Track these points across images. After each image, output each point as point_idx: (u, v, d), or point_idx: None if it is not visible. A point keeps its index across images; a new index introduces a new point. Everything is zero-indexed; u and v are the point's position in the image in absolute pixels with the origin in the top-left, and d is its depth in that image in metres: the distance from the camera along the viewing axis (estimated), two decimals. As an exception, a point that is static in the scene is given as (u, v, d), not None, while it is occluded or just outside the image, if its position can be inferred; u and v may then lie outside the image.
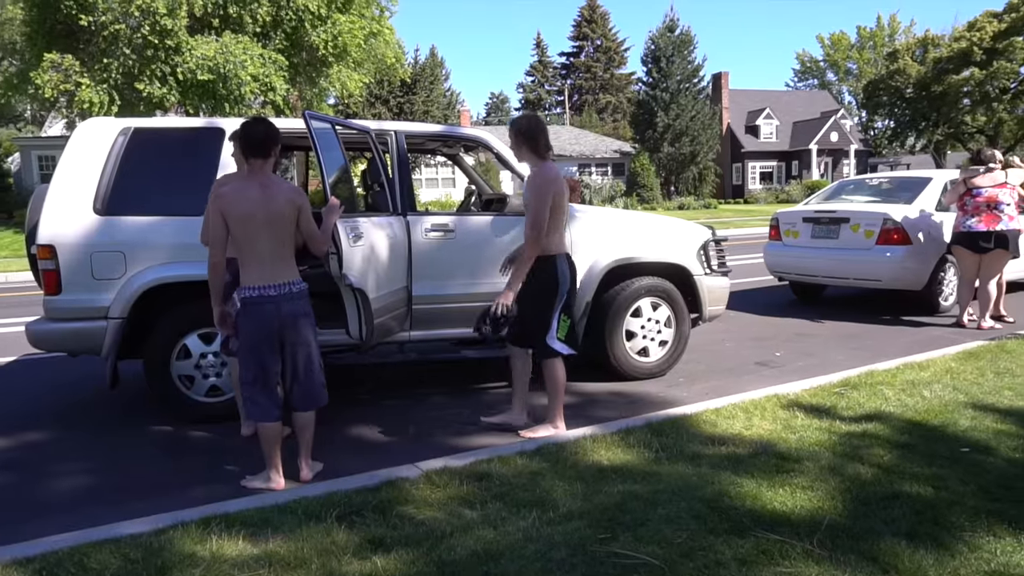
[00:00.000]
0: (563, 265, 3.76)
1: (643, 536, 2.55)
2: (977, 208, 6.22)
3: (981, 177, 6.26)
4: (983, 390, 4.26)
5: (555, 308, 3.74)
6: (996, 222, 6.11)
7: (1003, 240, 6.10)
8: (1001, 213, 6.12)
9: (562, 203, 3.71)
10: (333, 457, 3.57)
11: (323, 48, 19.18)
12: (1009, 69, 38.66)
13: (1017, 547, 2.47)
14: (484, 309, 3.77)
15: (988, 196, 6.17)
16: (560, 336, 3.78)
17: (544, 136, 3.75)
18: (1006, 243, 6.10)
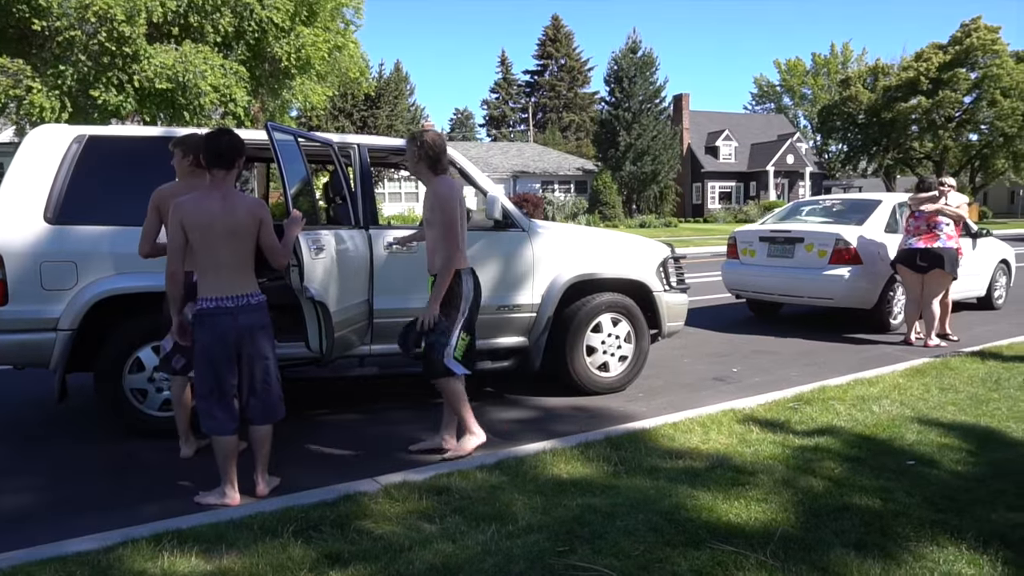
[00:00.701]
0: (467, 280, 3.65)
1: (601, 549, 2.57)
2: (918, 228, 6.51)
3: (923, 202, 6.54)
4: (928, 405, 4.41)
5: (455, 324, 3.61)
6: (934, 241, 6.39)
7: (938, 259, 6.36)
8: (940, 232, 6.39)
9: (464, 215, 3.65)
10: (291, 472, 3.52)
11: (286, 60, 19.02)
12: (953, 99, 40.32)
13: (959, 556, 2.56)
14: (407, 324, 3.74)
15: (929, 218, 6.45)
16: (457, 355, 3.62)
17: (446, 154, 3.70)
18: (941, 261, 6.36)
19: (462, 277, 3.62)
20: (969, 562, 2.52)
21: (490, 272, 4.62)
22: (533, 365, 4.83)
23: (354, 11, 22.32)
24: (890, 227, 7.42)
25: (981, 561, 2.52)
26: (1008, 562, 2.51)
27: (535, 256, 4.66)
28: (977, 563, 2.51)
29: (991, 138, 41.77)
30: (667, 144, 37.96)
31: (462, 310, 3.61)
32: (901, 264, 6.66)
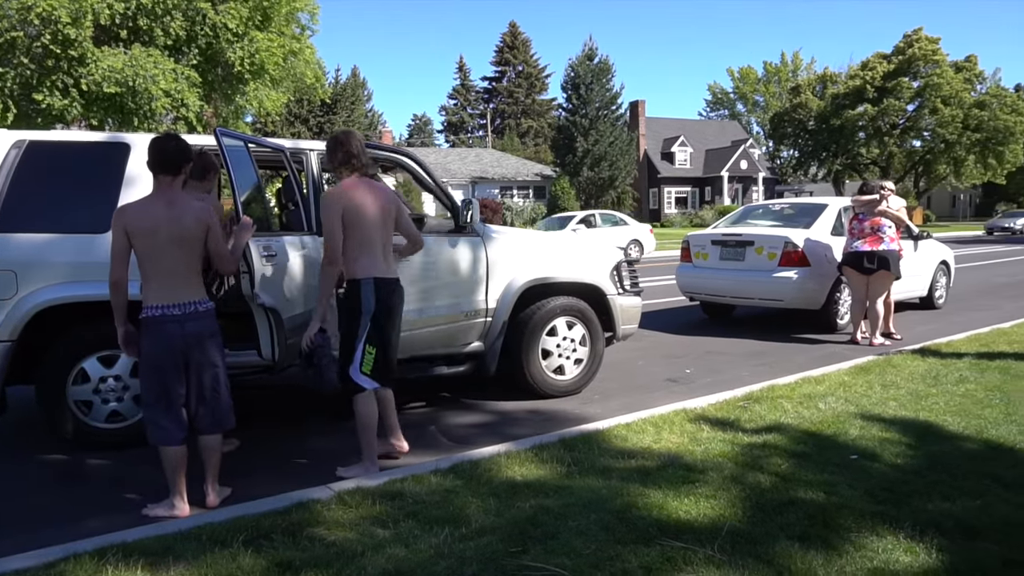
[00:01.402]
0: (368, 291, 3.44)
1: (553, 548, 2.60)
2: (862, 231, 6.73)
3: (864, 204, 6.77)
4: (871, 401, 4.56)
5: (359, 337, 3.45)
6: (879, 243, 6.63)
7: (884, 261, 6.60)
8: (883, 235, 6.63)
9: (359, 221, 3.41)
10: (243, 481, 3.47)
11: (239, 65, 18.73)
12: (897, 107, 41.77)
13: (896, 545, 2.65)
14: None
15: (871, 221, 6.68)
16: (365, 369, 3.46)
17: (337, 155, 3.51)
18: (887, 263, 6.60)
19: (361, 288, 3.45)
20: (906, 550, 2.61)
21: (444, 277, 4.63)
22: (489, 369, 4.85)
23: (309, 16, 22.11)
24: (836, 230, 7.65)
25: (917, 549, 2.62)
26: (942, 549, 2.62)
27: (490, 261, 4.68)
28: (913, 551, 2.61)
29: (933, 144, 43.35)
30: (624, 150, 38.49)
31: (363, 323, 3.45)
32: (847, 266, 6.87)
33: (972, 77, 42.83)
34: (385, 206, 3.54)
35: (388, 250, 3.58)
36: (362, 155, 3.54)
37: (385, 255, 3.54)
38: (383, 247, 3.53)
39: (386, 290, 3.51)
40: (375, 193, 3.54)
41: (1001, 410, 4.32)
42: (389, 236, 3.59)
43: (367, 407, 3.52)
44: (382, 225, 3.51)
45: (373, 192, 3.53)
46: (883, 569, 2.50)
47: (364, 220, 3.44)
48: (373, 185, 3.59)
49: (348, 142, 3.53)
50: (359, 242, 3.45)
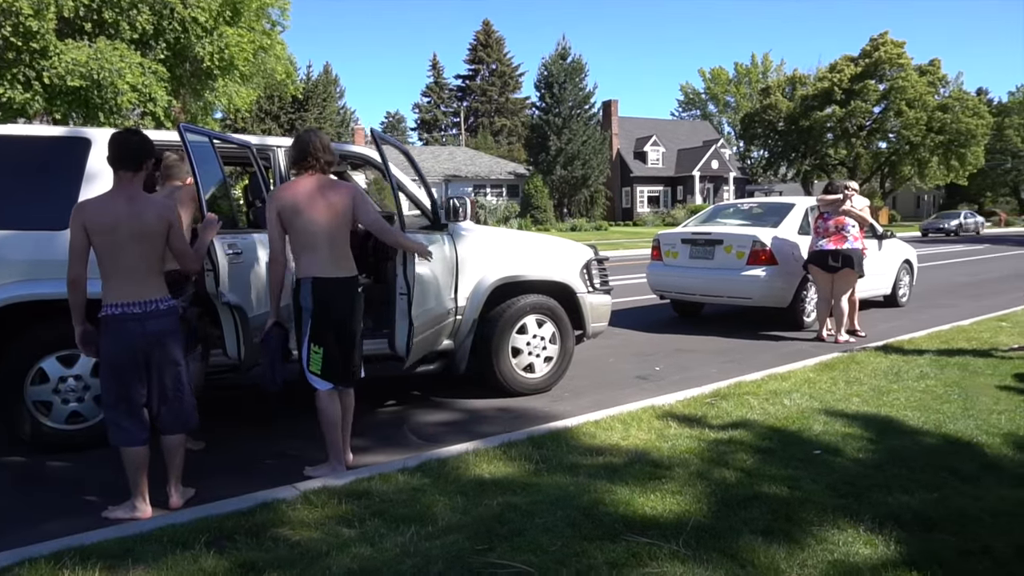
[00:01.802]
0: (305, 290, 3.39)
1: (520, 545, 2.61)
2: (827, 231, 6.85)
3: (829, 204, 6.90)
4: (835, 397, 4.64)
5: (303, 337, 3.43)
6: (843, 242, 6.76)
7: (848, 259, 6.73)
8: (847, 234, 6.76)
9: (296, 220, 3.36)
10: (207, 482, 3.42)
11: (208, 60, 18.44)
12: (864, 108, 42.61)
13: (857, 538, 2.71)
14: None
15: (836, 220, 6.82)
16: (313, 369, 3.42)
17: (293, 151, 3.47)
18: (851, 262, 6.73)
19: (301, 287, 3.41)
20: (866, 543, 2.66)
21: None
22: (459, 368, 4.84)
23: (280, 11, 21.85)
24: (803, 229, 7.77)
25: (877, 541, 2.67)
26: (900, 541, 2.67)
27: (459, 258, 4.67)
28: (873, 543, 2.66)
29: (898, 146, 44.33)
30: (597, 149, 38.66)
31: (304, 321, 3.41)
32: (813, 264, 6.99)
33: (935, 80, 43.86)
34: (335, 204, 3.42)
35: (337, 248, 3.45)
36: (316, 153, 3.44)
37: (335, 254, 3.44)
38: (331, 245, 3.42)
39: (324, 289, 3.41)
40: (324, 191, 3.43)
41: (959, 405, 4.42)
42: (341, 233, 3.46)
43: (325, 406, 3.47)
44: (329, 224, 3.40)
45: (322, 190, 3.43)
46: (843, 561, 2.54)
47: (302, 219, 3.37)
48: (326, 183, 3.48)
49: (299, 141, 3.48)
50: (299, 242, 3.41)
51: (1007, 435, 3.86)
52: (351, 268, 3.54)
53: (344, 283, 3.48)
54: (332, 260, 3.44)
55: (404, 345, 3.85)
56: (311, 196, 3.41)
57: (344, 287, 3.48)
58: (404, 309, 3.81)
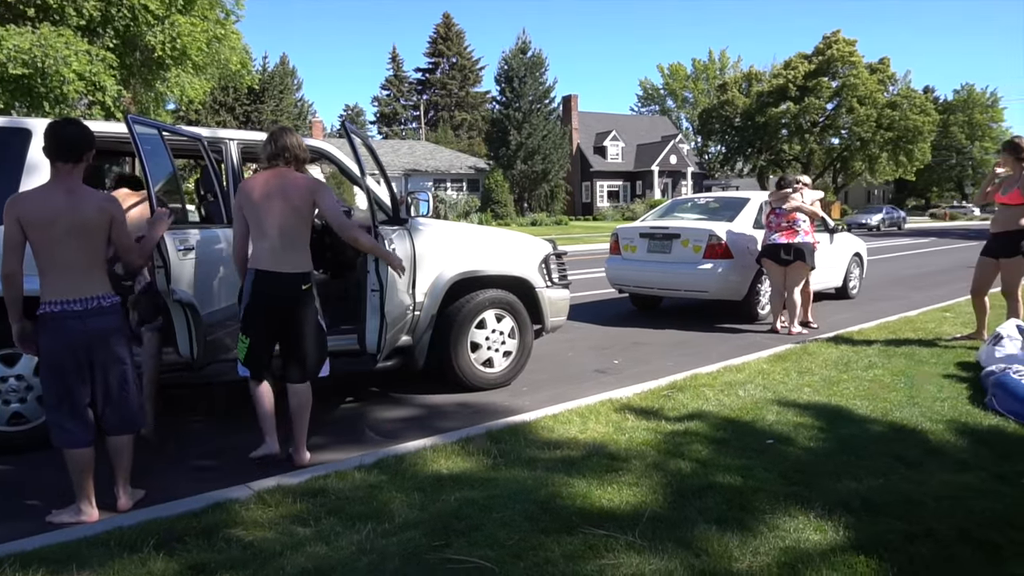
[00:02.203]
0: (248, 281, 3.48)
1: (477, 540, 2.60)
2: (779, 225, 7.01)
3: (782, 198, 7.05)
4: (788, 388, 4.75)
5: (240, 327, 3.55)
6: (794, 236, 6.92)
7: (800, 252, 6.90)
8: (798, 228, 6.92)
9: (249, 213, 3.44)
10: (158, 482, 3.34)
11: (160, 50, 17.92)
12: (818, 105, 43.60)
13: (807, 524, 2.77)
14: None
15: (788, 215, 6.96)
16: (240, 357, 3.54)
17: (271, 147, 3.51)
18: (803, 255, 6.90)
19: (245, 278, 3.53)
20: (816, 529, 2.73)
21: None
22: (417, 363, 4.81)
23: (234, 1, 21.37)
24: (758, 223, 7.90)
25: (826, 527, 2.74)
26: (849, 526, 2.75)
27: (418, 254, 4.64)
28: (823, 529, 2.73)
29: (850, 142, 45.47)
30: (557, 144, 38.80)
31: (241, 311, 3.53)
32: (766, 258, 7.14)
33: (885, 78, 45.10)
34: (292, 198, 3.41)
35: (288, 242, 3.44)
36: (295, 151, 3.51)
37: (285, 248, 3.44)
38: (280, 239, 3.42)
39: (264, 282, 3.43)
40: (284, 185, 3.43)
41: (905, 393, 4.56)
42: (294, 228, 3.45)
43: (254, 393, 3.59)
44: (281, 217, 3.40)
45: (281, 184, 3.43)
46: (794, 548, 2.60)
47: (256, 211, 3.42)
48: (289, 177, 3.48)
49: (274, 138, 3.53)
50: (253, 233, 3.49)
51: (949, 422, 4.00)
52: (301, 264, 3.50)
53: (287, 278, 3.45)
54: (280, 254, 3.43)
55: (376, 342, 3.83)
56: (269, 189, 3.43)
57: (286, 283, 3.46)
58: (376, 305, 3.78)
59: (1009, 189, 5.91)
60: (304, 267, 3.51)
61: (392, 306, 3.95)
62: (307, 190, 3.45)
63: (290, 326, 3.53)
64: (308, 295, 3.53)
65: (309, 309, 3.55)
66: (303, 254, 3.51)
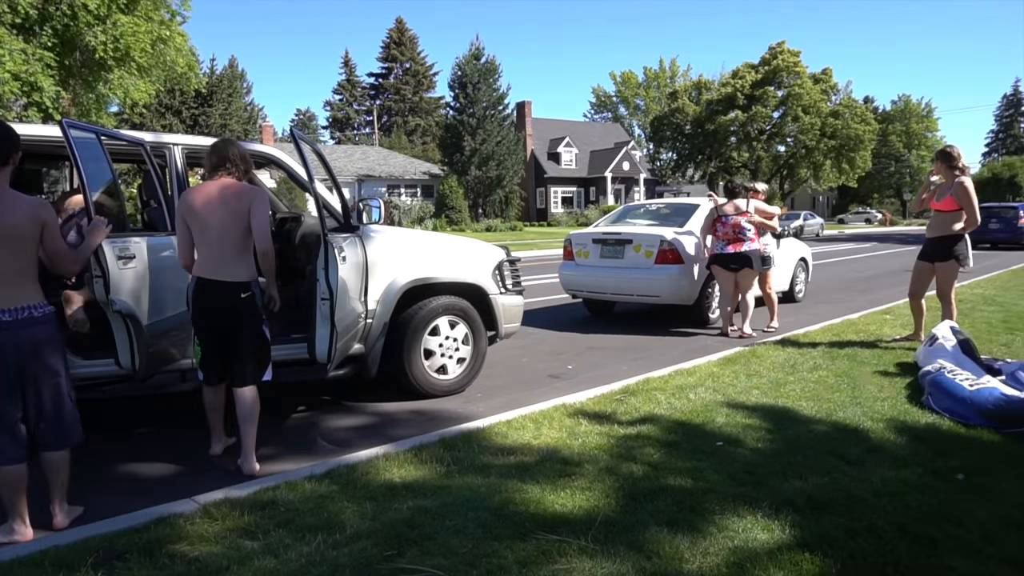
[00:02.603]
0: (189, 288, 3.64)
1: (430, 549, 2.58)
2: (727, 234, 7.14)
3: (727, 205, 7.19)
4: (737, 390, 4.84)
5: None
6: (741, 245, 7.08)
7: (747, 260, 7.08)
8: (744, 237, 7.08)
9: (193, 221, 3.51)
10: (98, 499, 3.22)
11: (101, 50, 17.37)
12: (764, 114, 44.75)
13: (755, 524, 2.83)
14: None
15: (734, 223, 7.12)
16: (195, 360, 3.80)
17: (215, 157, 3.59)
18: (749, 262, 7.07)
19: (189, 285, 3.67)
20: (763, 528, 2.79)
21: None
22: (371, 371, 4.76)
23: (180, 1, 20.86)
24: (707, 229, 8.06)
25: (773, 526, 2.80)
26: (794, 525, 2.81)
27: (370, 261, 4.59)
28: (770, 528, 2.79)
29: (795, 150, 46.76)
30: (511, 150, 38.91)
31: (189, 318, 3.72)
32: (716, 265, 7.28)
33: (828, 88, 46.54)
34: (232, 207, 3.47)
35: (227, 251, 3.50)
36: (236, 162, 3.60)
37: (223, 257, 3.50)
38: (220, 247, 3.49)
39: (201, 290, 3.53)
40: (225, 194, 3.50)
41: (848, 394, 4.70)
42: (233, 237, 3.49)
43: (204, 395, 3.80)
44: (220, 226, 3.47)
45: (222, 193, 3.50)
46: (742, 547, 2.65)
47: (198, 220, 3.50)
48: (231, 187, 3.54)
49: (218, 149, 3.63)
50: (196, 241, 3.57)
51: (889, 420, 4.14)
52: (240, 274, 3.53)
53: (222, 287, 3.50)
54: (219, 263, 3.50)
55: (326, 351, 3.79)
56: (210, 198, 3.50)
57: (222, 291, 3.50)
58: (326, 314, 3.74)
59: (943, 196, 6.16)
60: (243, 276, 3.53)
61: (343, 314, 3.93)
62: (244, 199, 3.50)
63: (230, 333, 3.58)
64: (247, 303, 3.55)
65: (249, 317, 3.58)
66: (243, 263, 3.54)
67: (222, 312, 3.54)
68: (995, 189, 51.98)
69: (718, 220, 7.26)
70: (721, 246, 7.18)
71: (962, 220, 6.09)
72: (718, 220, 7.26)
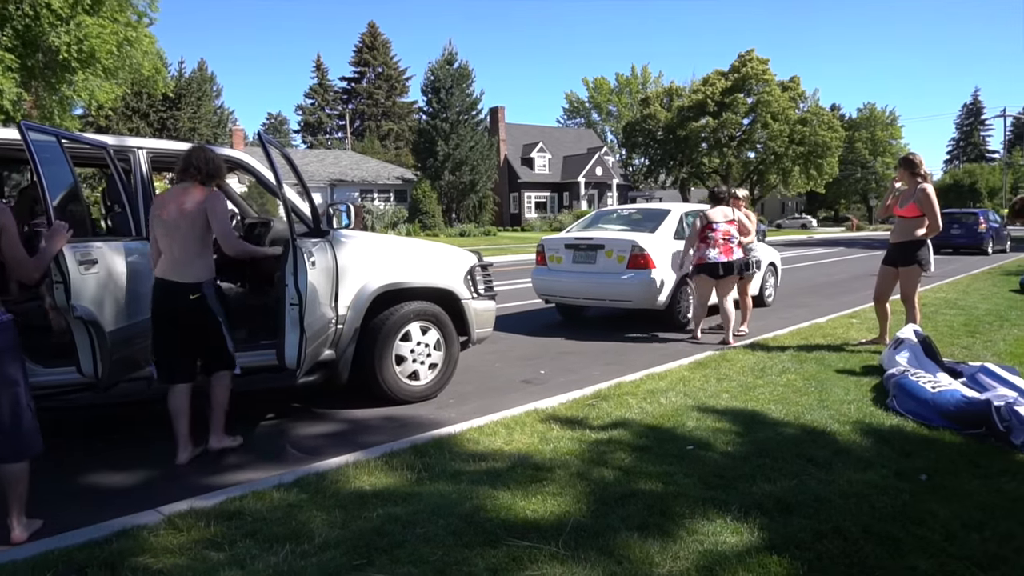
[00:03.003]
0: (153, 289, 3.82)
1: (400, 557, 2.56)
2: (716, 241, 7.12)
3: (716, 212, 7.20)
4: (707, 394, 4.89)
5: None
6: (731, 253, 7.10)
7: (733, 267, 7.14)
8: (733, 244, 7.14)
9: (155, 225, 3.74)
10: (59, 511, 3.14)
11: (65, 51, 17.06)
12: (735, 120, 45.40)
13: (725, 527, 2.85)
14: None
15: (724, 231, 7.12)
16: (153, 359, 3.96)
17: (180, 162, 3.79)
18: (732, 269, 7.15)
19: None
20: (733, 531, 2.81)
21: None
22: (341, 377, 4.71)
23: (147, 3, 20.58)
24: (679, 234, 8.14)
25: (742, 529, 2.82)
26: (763, 527, 2.84)
27: (339, 266, 4.55)
28: (739, 531, 2.81)
29: (765, 156, 47.48)
30: (484, 155, 38.95)
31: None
32: (703, 274, 7.17)
33: (796, 96, 47.38)
34: (185, 210, 3.67)
35: (180, 253, 3.70)
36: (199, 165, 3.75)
37: (178, 258, 3.71)
38: (174, 249, 3.70)
39: (159, 290, 3.75)
40: (181, 198, 3.71)
41: (815, 397, 4.77)
42: (187, 240, 3.70)
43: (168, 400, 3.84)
44: (175, 228, 3.68)
45: (179, 197, 3.71)
46: (712, 551, 2.67)
47: (157, 225, 3.73)
48: (188, 191, 3.73)
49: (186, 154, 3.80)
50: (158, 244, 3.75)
51: (855, 423, 4.20)
52: (191, 276, 3.72)
53: (173, 287, 3.70)
54: (174, 264, 3.71)
55: (295, 357, 3.76)
56: (168, 202, 3.72)
57: (172, 291, 3.71)
58: (295, 319, 3.73)
59: (906, 202, 6.29)
60: (194, 278, 3.72)
61: (313, 319, 3.89)
62: (200, 203, 3.69)
63: (187, 332, 3.78)
64: (198, 304, 3.73)
65: (202, 317, 3.75)
66: (196, 266, 3.73)
67: (174, 312, 3.72)
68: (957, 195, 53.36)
69: (707, 227, 7.14)
70: (714, 253, 7.05)
71: (924, 226, 6.22)
72: (707, 227, 7.14)
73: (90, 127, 31.53)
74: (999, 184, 56.78)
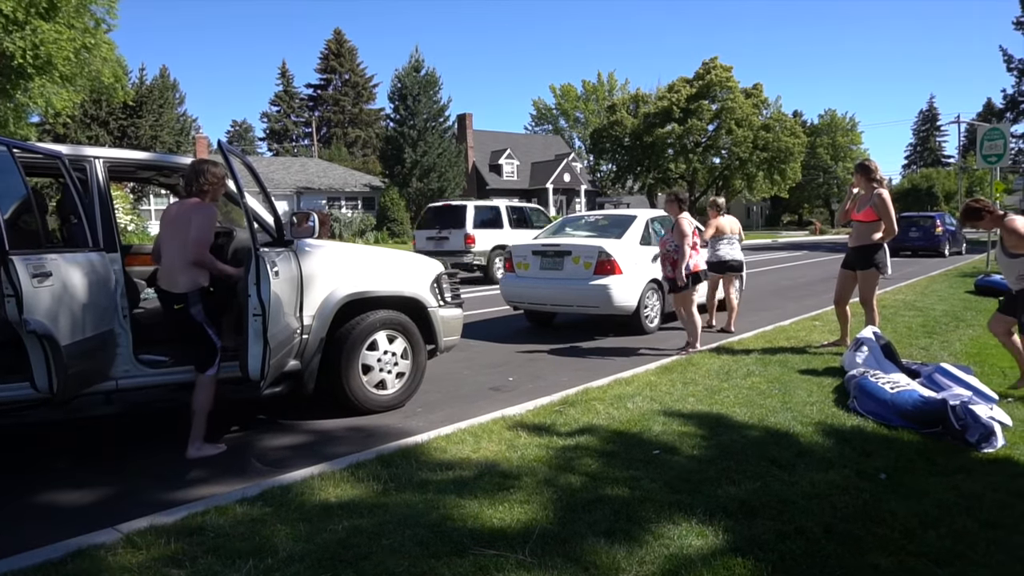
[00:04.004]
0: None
1: (365, 570, 2.53)
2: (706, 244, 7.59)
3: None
4: (673, 399, 4.93)
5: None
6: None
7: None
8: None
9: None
10: (11, 531, 3.05)
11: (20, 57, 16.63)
12: (700, 127, 45.97)
13: (690, 530, 2.88)
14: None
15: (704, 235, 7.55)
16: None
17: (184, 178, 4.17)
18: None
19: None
20: (698, 535, 2.84)
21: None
22: (307, 388, 4.66)
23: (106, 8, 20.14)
24: (645, 240, 8.22)
25: (707, 532, 2.86)
26: (727, 530, 2.88)
27: (304, 275, 4.50)
28: (704, 535, 2.84)
29: (730, 162, 48.16)
30: (452, 161, 38.86)
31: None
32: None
33: (759, 103, 48.15)
34: (177, 222, 4.01)
35: (170, 262, 4.02)
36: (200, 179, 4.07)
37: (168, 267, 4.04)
38: (167, 260, 4.06)
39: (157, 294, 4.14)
40: (178, 210, 4.05)
41: (779, 399, 4.85)
42: (176, 251, 4.00)
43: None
44: (169, 239, 4.05)
45: (177, 210, 4.06)
46: (678, 555, 2.69)
47: (160, 234, 4.15)
48: (185, 204, 4.05)
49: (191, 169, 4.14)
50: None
51: (818, 424, 4.28)
52: (176, 285, 3.99)
53: (163, 295, 4.08)
54: (164, 272, 4.05)
55: (259, 368, 3.72)
56: (168, 213, 4.11)
57: (163, 299, 4.10)
58: (259, 330, 3.69)
59: (863, 207, 6.44)
60: (178, 288, 3.98)
61: (277, 330, 3.85)
62: (186, 214, 3.96)
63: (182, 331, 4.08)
64: (181, 313, 3.99)
65: (187, 323, 4.00)
66: (182, 276, 3.97)
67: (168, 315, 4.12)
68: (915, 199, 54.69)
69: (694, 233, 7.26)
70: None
71: (881, 230, 6.37)
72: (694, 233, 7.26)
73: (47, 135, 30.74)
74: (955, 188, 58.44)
